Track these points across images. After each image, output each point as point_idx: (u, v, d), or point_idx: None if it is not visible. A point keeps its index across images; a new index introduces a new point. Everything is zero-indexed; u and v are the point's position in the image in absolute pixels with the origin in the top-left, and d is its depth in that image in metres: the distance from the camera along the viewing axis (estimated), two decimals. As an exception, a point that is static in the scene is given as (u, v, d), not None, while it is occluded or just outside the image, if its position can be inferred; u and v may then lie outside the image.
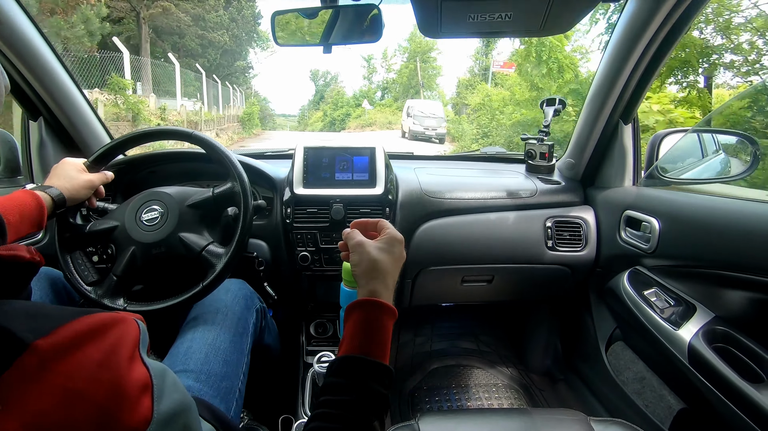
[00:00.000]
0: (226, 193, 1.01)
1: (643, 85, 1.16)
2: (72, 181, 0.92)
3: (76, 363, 0.32)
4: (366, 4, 0.98)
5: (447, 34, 1.01)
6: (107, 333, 0.35)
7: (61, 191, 0.88)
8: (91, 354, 0.33)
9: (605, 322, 1.34)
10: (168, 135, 1.06)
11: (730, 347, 0.89)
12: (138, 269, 0.97)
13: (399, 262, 0.66)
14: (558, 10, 0.88)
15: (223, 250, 0.98)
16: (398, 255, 0.66)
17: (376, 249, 0.64)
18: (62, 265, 0.96)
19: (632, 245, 1.17)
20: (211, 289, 0.95)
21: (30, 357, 0.30)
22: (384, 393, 0.53)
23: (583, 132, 1.33)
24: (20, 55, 1.09)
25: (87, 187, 0.95)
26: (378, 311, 0.59)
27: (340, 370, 0.54)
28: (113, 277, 0.96)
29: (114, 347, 0.35)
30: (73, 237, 0.97)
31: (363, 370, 0.53)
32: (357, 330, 0.58)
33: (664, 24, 0.96)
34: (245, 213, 0.98)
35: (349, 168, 1.24)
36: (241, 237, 0.96)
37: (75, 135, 1.29)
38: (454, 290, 1.46)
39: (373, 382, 0.52)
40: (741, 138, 1.22)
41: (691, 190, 1.18)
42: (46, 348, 0.31)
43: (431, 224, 1.31)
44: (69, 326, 0.33)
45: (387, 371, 0.54)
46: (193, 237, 0.98)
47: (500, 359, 1.75)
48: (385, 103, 30.72)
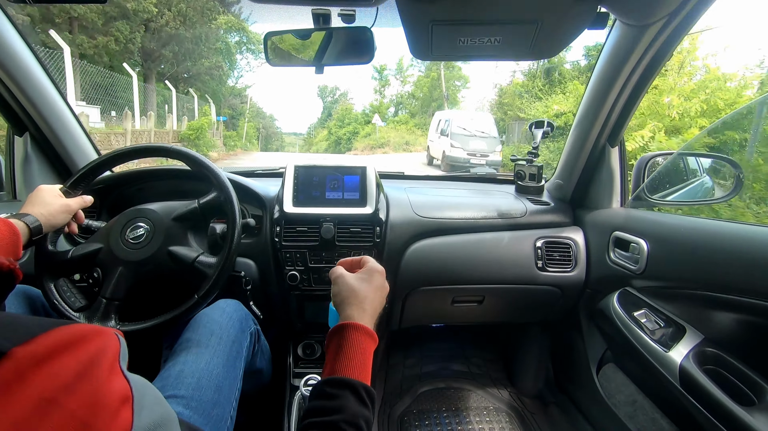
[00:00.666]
0: (211, 203, 1.00)
1: (628, 110, 1.18)
2: (48, 207, 0.90)
3: (53, 373, 0.31)
4: (358, 27, 1.00)
5: (438, 57, 1.03)
6: (87, 345, 0.35)
7: (37, 218, 0.86)
8: (69, 364, 0.33)
9: (596, 344, 1.33)
10: (148, 152, 1.05)
11: (721, 369, 0.89)
12: (127, 289, 0.95)
13: (379, 291, 0.71)
14: (545, 36, 0.91)
15: (214, 260, 0.97)
16: (378, 284, 0.71)
17: (354, 279, 0.69)
18: (46, 295, 0.93)
19: (621, 266, 1.18)
20: (207, 299, 0.93)
21: (7, 365, 0.29)
22: (367, 413, 0.55)
23: (572, 154, 1.36)
24: (7, 68, 1.08)
25: (64, 212, 0.93)
26: (355, 333, 0.62)
27: (322, 393, 0.55)
28: (102, 300, 0.94)
29: (93, 358, 0.35)
30: (55, 265, 0.95)
31: (344, 391, 0.55)
32: (337, 353, 0.60)
33: (647, 51, 0.99)
34: (233, 222, 0.97)
35: (339, 187, 1.24)
36: (232, 243, 0.95)
37: (61, 151, 1.27)
38: (445, 311, 1.44)
39: (355, 402, 0.54)
40: (724, 161, 1.26)
41: (678, 211, 1.20)
42: (24, 356, 0.30)
43: (422, 244, 1.31)
44: (47, 335, 0.33)
45: (368, 390, 0.57)
46: (183, 250, 0.97)
47: (491, 381, 1.72)
48: (400, 119, 26.73)
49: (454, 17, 0.87)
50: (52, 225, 0.90)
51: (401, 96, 28.98)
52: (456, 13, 0.86)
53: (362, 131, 24.95)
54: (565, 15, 0.86)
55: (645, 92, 1.14)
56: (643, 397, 1.10)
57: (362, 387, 0.56)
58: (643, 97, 1.15)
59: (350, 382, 0.56)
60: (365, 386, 0.57)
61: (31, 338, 0.32)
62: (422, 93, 26.10)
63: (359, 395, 0.55)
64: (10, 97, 1.15)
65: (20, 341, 0.31)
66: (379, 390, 1.65)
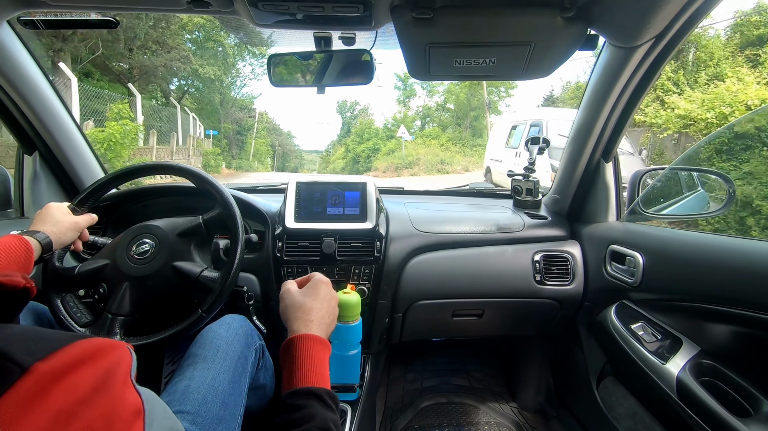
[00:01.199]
0: (215, 219, 1.02)
1: (620, 126, 1.22)
2: (58, 225, 0.92)
3: (72, 386, 0.32)
4: (358, 49, 1.04)
5: (435, 77, 1.07)
6: (102, 358, 0.36)
7: (48, 235, 0.89)
8: (86, 377, 0.34)
9: (595, 357, 1.34)
10: (154, 170, 1.08)
11: (717, 381, 0.90)
12: (133, 304, 0.97)
13: (326, 301, 0.74)
14: (537, 57, 0.95)
15: (217, 275, 0.98)
16: (324, 295, 0.74)
17: (299, 294, 0.73)
18: (53, 310, 0.95)
19: (618, 279, 1.20)
20: (211, 313, 0.94)
21: (29, 380, 0.31)
22: (335, 416, 0.56)
23: (567, 169, 1.39)
24: (18, 89, 1.11)
25: (73, 229, 0.95)
26: (304, 343, 0.63)
27: (287, 407, 0.57)
28: (108, 315, 0.95)
29: (109, 372, 0.36)
30: (62, 281, 0.97)
31: (309, 400, 0.56)
32: (291, 367, 0.62)
33: (636, 71, 1.03)
34: (236, 237, 0.99)
35: (340, 202, 1.26)
36: (235, 258, 0.97)
37: (69, 169, 1.30)
38: (445, 324, 1.45)
39: (322, 408, 0.56)
40: (717, 176, 1.28)
41: (673, 225, 1.22)
42: (45, 371, 0.31)
43: (421, 258, 1.33)
44: (66, 350, 0.34)
45: (331, 395, 0.58)
46: (187, 265, 0.99)
47: (492, 396, 1.72)
48: (430, 132, 22.72)
49: (450, 40, 0.91)
50: (62, 242, 0.93)
51: (428, 108, 24.98)
52: (452, 36, 0.90)
53: (384, 147, 21.53)
54: (556, 37, 0.90)
55: (637, 109, 1.17)
56: (643, 410, 1.10)
57: (325, 392, 0.58)
58: (635, 113, 1.19)
59: (313, 390, 0.57)
60: (327, 391, 0.59)
61: (52, 353, 0.33)
62: (457, 102, 22.26)
63: (324, 401, 0.57)
64: (21, 117, 1.19)
65: (41, 356, 0.32)
66: (380, 405, 1.65)
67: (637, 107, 1.15)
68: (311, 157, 35.34)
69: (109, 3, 0.92)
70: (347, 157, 24.46)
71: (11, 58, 1.06)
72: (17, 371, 0.30)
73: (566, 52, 0.96)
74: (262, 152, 23.30)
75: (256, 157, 22.02)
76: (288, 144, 31.28)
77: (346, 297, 1.04)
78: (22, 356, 0.31)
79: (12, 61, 1.07)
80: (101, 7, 0.96)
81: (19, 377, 0.30)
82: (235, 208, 1.02)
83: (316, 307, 0.71)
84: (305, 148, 37.08)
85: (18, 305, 0.44)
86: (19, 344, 0.33)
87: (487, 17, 0.85)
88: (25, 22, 1.00)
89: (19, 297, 0.44)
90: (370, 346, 1.37)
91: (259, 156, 22.67)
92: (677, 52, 1.01)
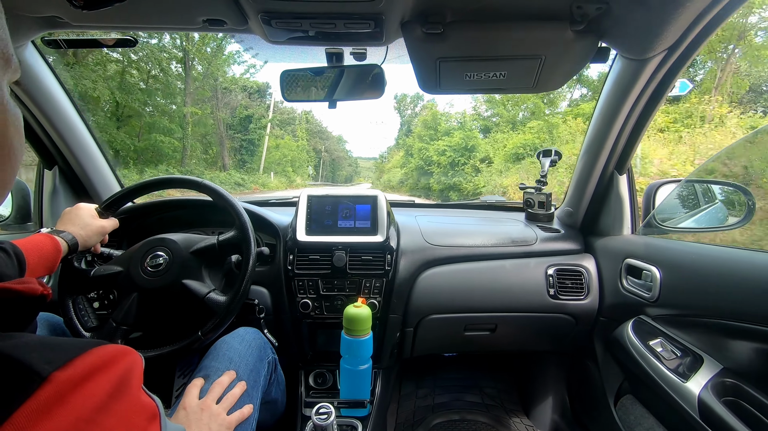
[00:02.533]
0: (230, 241, 1.03)
1: (634, 138, 1.20)
2: (86, 228, 0.95)
3: (89, 394, 0.33)
4: (369, 64, 1.06)
5: (445, 91, 1.07)
6: (117, 364, 0.36)
7: (75, 236, 0.91)
8: (103, 385, 0.34)
9: (613, 374, 1.30)
10: (178, 183, 1.09)
11: (741, 401, 0.86)
12: (138, 316, 0.97)
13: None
14: (548, 70, 0.95)
15: (224, 299, 0.98)
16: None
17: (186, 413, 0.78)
18: (63, 309, 0.96)
19: (634, 294, 1.17)
20: (209, 337, 0.94)
21: (48, 389, 0.31)
22: None
23: (580, 182, 1.37)
24: (41, 106, 1.15)
25: (99, 233, 0.98)
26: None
27: None
28: (112, 323, 0.96)
29: (124, 378, 0.36)
30: (77, 282, 0.98)
31: None
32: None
33: (649, 83, 1.02)
34: (247, 261, 0.99)
35: (351, 215, 1.26)
36: (242, 286, 0.97)
37: (87, 184, 1.34)
38: (457, 339, 1.43)
39: None
40: (735, 188, 1.25)
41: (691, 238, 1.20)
42: (63, 379, 0.32)
43: (432, 272, 1.32)
44: (83, 358, 0.34)
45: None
46: (196, 284, 0.99)
47: (506, 413, 1.68)
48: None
49: (460, 54, 0.92)
50: (87, 245, 0.95)
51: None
52: (462, 50, 0.91)
53: (481, 145, 12.91)
54: (567, 50, 0.90)
55: (651, 121, 1.16)
56: (663, 430, 1.06)
57: None
58: (648, 126, 1.18)
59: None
60: None
61: (69, 361, 0.33)
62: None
63: None
64: (43, 133, 1.22)
65: (59, 364, 0.32)
66: (391, 421, 1.62)
67: (651, 118, 1.14)
68: (368, 164, 31.69)
69: (127, 23, 0.95)
70: (409, 164, 16.46)
71: (35, 76, 1.10)
72: (37, 380, 0.31)
73: (577, 65, 0.96)
74: (301, 159, 19.13)
75: (282, 165, 16.38)
76: (337, 149, 26.56)
77: (357, 311, 1.04)
78: (41, 365, 0.32)
79: (36, 79, 1.11)
80: (120, 27, 0.99)
81: (38, 386, 0.30)
82: (252, 235, 1.03)
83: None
84: (360, 154, 33.72)
85: (33, 312, 0.45)
86: (37, 353, 0.33)
87: (497, 31, 0.86)
88: (49, 42, 1.04)
89: (35, 304, 0.44)
90: (381, 361, 1.35)
91: (297, 164, 18.29)
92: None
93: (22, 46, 1.03)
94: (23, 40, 1.00)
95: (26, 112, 1.16)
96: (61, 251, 0.86)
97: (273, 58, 4.80)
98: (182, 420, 0.76)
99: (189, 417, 0.77)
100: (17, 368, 0.31)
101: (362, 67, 1.06)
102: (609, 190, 1.34)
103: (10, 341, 0.34)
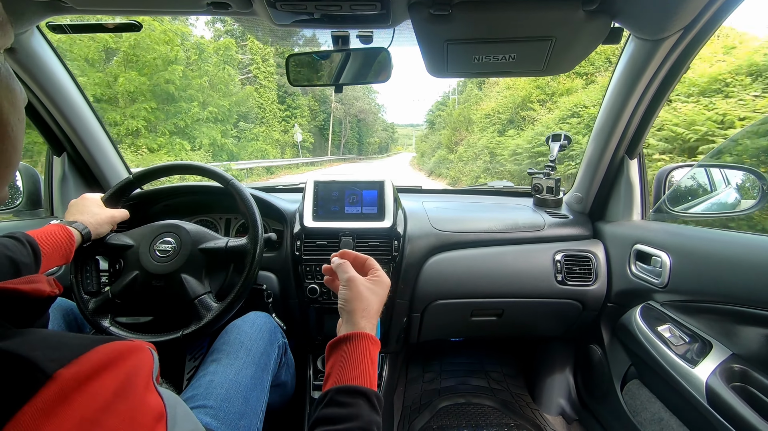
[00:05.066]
0: (238, 249, 1.02)
1: (646, 122, 1.18)
2: (95, 217, 0.95)
3: (93, 393, 0.32)
4: (376, 48, 1.04)
5: (453, 74, 1.06)
6: (123, 363, 0.36)
7: (86, 226, 0.92)
8: (108, 384, 0.33)
9: (620, 359, 1.30)
10: (183, 170, 1.09)
11: (749, 386, 0.86)
12: (133, 294, 0.98)
13: (382, 305, 0.69)
14: (559, 52, 0.92)
15: (215, 305, 0.98)
16: (383, 297, 0.70)
17: (367, 290, 0.67)
18: (73, 268, 0.98)
19: (643, 280, 1.16)
20: (190, 340, 0.94)
21: (52, 387, 0.30)
22: (379, 419, 0.55)
23: (590, 166, 1.35)
24: (48, 92, 1.15)
25: (109, 222, 0.98)
26: (365, 342, 0.61)
27: (334, 401, 0.55)
28: (108, 294, 0.98)
29: (129, 377, 0.36)
30: (92, 246, 0.99)
31: (358, 399, 0.55)
32: (347, 361, 0.59)
33: (663, 65, 0.99)
34: (249, 276, 0.99)
35: (358, 201, 1.26)
36: (236, 297, 0.97)
37: (96, 170, 1.34)
38: (464, 324, 1.44)
39: (369, 409, 0.54)
40: (749, 173, 1.23)
41: (701, 224, 1.18)
42: (68, 377, 0.31)
43: (439, 257, 1.32)
44: (88, 356, 0.34)
45: (378, 397, 0.57)
46: (193, 282, 0.99)
47: (512, 397, 1.69)
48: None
49: (468, 36, 0.90)
50: (98, 234, 0.96)
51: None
52: (470, 32, 0.89)
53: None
54: (579, 31, 0.87)
55: (663, 104, 1.13)
56: (670, 415, 1.06)
57: (374, 394, 0.57)
58: (661, 109, 1.15)
59: (364, 391, 0.56)
60: (376, 393, 0.57)
61: (74, 359, 0.33)
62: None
63: (372, 403, 0.55)
64: (50, 120, 1.23)
65: (64, 362, 0.32)
66: (398, 404, 1.64)
67: (664, 102, 1.12)
68: (405, 131, 28.98)
69: (132, 6, 0.94)
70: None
71: (41, 62, 1.10)
72: (41, 378, 0.30)
73: (589, 47, 0.93)
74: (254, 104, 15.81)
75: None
76: (363, 104, 21.55)
77: None
78: (46, 363, 0.31)
79: (42, 65, 1.11)
80: (125, 11, 0.98)
81: (43, 384, 0.30)
82: (258, 218, 1.03)
83: (375, 308, 0.67)
84: (400, 122, 29.96)
85: (42, 309, 0.45)
86: (42, 350, 0.33)
87: (506, 12, 0.84)
88: (54, 27, 1.04)
89: (43, 303, 0.44)
90: (388, 345, 1.36)
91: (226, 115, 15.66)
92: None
93: (27, 32, 1.02)
94: (28, 25, 1.00)
95: (33, 98, 1.16)
96: (74, 240, 0.87)
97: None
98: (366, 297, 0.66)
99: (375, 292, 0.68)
100: (23, 366, 0.31)
101: (369, 51, 1.05)
102: (619, 175, 1.32)
103: (17, 338, 0.34)
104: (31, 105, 1.19)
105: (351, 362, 0.59)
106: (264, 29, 6.07)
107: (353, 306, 0.65)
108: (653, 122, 1.18)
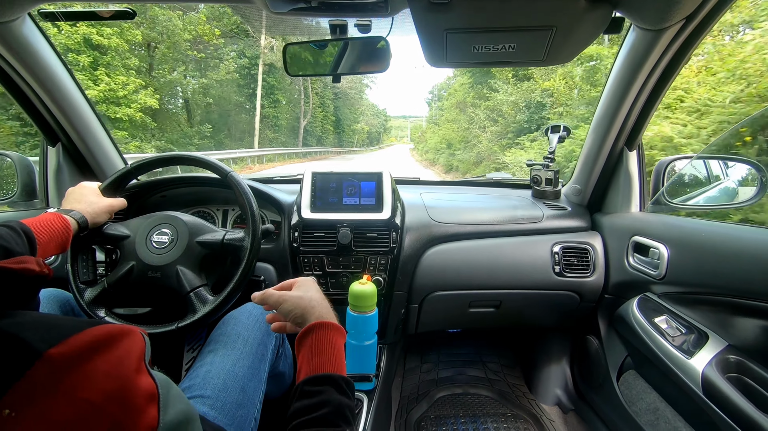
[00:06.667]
0: (234, 244, 1.02)
1: (646, 113, 1.17)
2: (93, 206, 0.94)
3: (85, 373, 0.33)
4: (374, 37, 1.03)
5: (452, 64, 1.04)
6: (115, 345, 0.36)
7: (83, 215, 0.91)
8: (100, 364, 0.34)
9: (616, 350, 1.31)
10: (181, 161, 1.08)
11: (745, 377, 0.87)
12: (128, 285, 0.98)
13: (319, 294, 0.74)
14: (559, 42, 0.91)
15: (211, 298, 0.97)
16: (316, 289, 0.75)
17: (299, 292, 0.73)
18: (69, 257, 0.97)
19: (641, 271, 1.16)
20: (184, 332, 0.94)
21: (43, 367, 0.31)
22: (350, 403, 0.57)
23: (589, 158, 1.35)
24: (41, 81, 1.13)
25: (107, 211, 0.97)
26: (325, 331, 0.64)
27: (304, 393, 0.56)
28: (104, 284, 0.97)
29: (121, 358, 0.36)
30: (89, 235, 0.98)
31: (326, 386, 0.57)
32: (313, 351, 0.62)
33: (664, 55, 0.98)
34: (246, 270, 0.98)
35: (356, 193, 1.26)
36: (232, 290, 0.97)
37: (91, 160, 1.33)
38: (461, 315, 1.44)
39: (337, 394, 0.56)
40: (748, 165, 1.22)
41: (699, 216, 1.18)
42: (58, 357, 0.32)
43: (437, 249, 1.32)
44: (79, 336, 0.34)
45: (347, 381, 0.59)
46: (189, 274, 0.99)
47: (509, 387, 1.71)
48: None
49: (467, 25, 0.89)
50: (96, 223, 0.95)
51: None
52: (469, 21, 0.88)
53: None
54: (580, 20, 0.86)
55: (663, 95, 1.12)
56: (665, 405, 1.07)
57: (341, 379, 0.58)
58: (661, 101, 1.14)
59: (330, 376, 0.58)
60: (343, 377, 0.59)
61: (64, 339, 0.33)
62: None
63: (340, 387, 0.57)
64: (44, 109, 1.21)
65: (55, 342, 0.33)
66: (396, 395, 1.65)
67: (665, 93, 1.11)
68: (400, 123, 26.48)
69: None
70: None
71: (33, 50, 1.08)
72: (32, 357, 0.31)
73: (590, 36, 0.92)
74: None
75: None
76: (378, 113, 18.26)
77: (362, 288, 1.04)
78: (37, 342, 0.32)
79: (34, 53, 1.09)
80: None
81: (33, 363, 0.31)
82: (256, 210, 1.02)
83: (320, 302, 0.71)
84: (394, 113, 27.13)
85: (33, 290, 0.45)
86: (33, 331, 0.33)
87: (506, 1, 0.82)
88: (45, 14, 1.02)
89: (34, 282, 0.44)
90: (386, 336, 1.37)
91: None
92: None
93: (19, 19, 1.00)
94: (20, 12, 0.97)
95: (26, 87, 1.14)
96: (71, 229, 0.86)
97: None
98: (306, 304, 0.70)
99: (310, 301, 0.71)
100: (15, 345, 0.31)
101: (367, 40, 1.03)
102: (618, 167, 1.32)
103: (10, 319, 0.34)
104: (25, 95, 1.17)
105: (317, 352, 0.61)
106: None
107: (301, 309, 0.69)
108: (653, 113, 1.18)
